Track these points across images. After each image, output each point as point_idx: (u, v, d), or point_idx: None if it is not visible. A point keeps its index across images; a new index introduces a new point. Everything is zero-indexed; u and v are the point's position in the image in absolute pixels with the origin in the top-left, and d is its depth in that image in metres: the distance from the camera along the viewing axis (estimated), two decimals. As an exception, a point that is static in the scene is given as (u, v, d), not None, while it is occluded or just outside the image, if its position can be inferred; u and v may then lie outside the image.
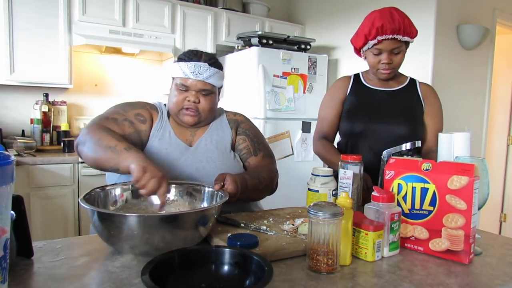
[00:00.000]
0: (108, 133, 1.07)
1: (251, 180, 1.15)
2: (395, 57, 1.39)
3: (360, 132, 1.46)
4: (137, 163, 0.92)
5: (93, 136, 1.07)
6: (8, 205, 0.58)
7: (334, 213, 0.75)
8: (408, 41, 1.40)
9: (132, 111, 1.22)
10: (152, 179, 0.89)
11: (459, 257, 0.84)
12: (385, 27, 1.32)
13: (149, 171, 0.90)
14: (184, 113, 1.21)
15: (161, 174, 0.91)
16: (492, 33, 3.11)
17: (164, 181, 0.91)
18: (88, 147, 1.06)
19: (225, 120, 1.33)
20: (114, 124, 1.16)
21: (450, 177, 0.85)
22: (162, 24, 3.09)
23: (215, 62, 1.24)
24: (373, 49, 1.39)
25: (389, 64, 1.39)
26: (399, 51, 1.39)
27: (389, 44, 1.36)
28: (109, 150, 1.01)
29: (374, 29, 1.34)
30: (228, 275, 0.70)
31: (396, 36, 1.34)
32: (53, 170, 2.50)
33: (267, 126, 2.94)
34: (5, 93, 2.84)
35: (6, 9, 2.53)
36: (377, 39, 1.35)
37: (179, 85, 1.20)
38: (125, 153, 0.99)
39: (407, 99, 1.48)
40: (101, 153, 1.03)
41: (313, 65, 3.19)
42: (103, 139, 1.04)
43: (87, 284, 0.71)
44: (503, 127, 3.72)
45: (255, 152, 1.30)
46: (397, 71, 1.47)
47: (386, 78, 1.45)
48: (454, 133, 1.05)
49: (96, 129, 1.09)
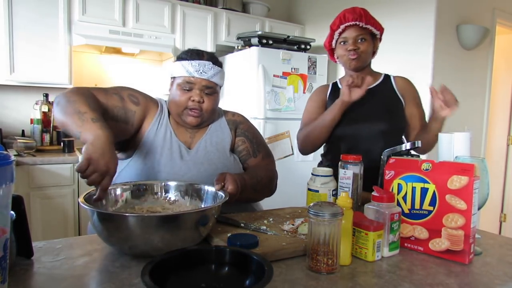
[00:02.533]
0: (86, 98, 1.01)
1: (250, 179, 1.15)
2: (361, 45, 1.45)
3: (343, 135, 1.49)
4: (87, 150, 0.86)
5: (70, 96, 1.01)
6: (8, 205, 0.58)
7: (334, 213, 0.75)
8: (372, 31, 1.46)
9: (127, 91, 1.20)
10: (94, 173, 0.84)
11: (459, 257, 0.84)
12: (346, 16, 1.45)
13: (93, 164, 0.84)
14: (187, 113, 1.20)
15: (105, 169, 0.85)
16: (492, 33, 3.11)
17: (106, 176, 0.85)
18: (61, 107, 1.00)
19: (224, 121, 1.32)
20: (101, 93, 1.12)
21: (450, 177, 0.85)
22: (162, 24, 3.09)
23: (217, 61, 1.24)
24: (340, 39, 1.48)
25: (355, 50, 1.45)
26: (363, 38, 1.45)
27: (352, 31, 1.44)
28: (77, 115, 0.95)
29: (338, 19, 1.47)
30: (228, 275, 0.70)
31: (358, 22, 1.43)
32: (53, 170, 2.50)
33: (267, 126, 2.94)
34: (5, 93, 2.84)
35: (6, 9, 2.53)
36: (341, 27, 1.45)
37: (183, 84, 1.18)
38: (90, 123, 0.92)
39: (383, 95, 1.52)
40: (69, 116, 0.96)
41: (313, 65, 3.19)
42: (77, 102, 0.98)
43: (87, 284, 0.71)
44: (503, 127, 3.72)
45: (254, 154, 1.30)
46: (366, 61, 1.50)
47: (355, 66, 1.48)
48: (454, 133, 1.05)
49: (77, 91, 1.04)
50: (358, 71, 1.51)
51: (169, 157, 1.16)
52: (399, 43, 2.84)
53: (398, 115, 1.50)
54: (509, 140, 3.72)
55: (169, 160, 1.16)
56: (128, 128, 1.16)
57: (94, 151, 0.86)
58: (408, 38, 2.82)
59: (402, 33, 2.83)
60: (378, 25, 1.48)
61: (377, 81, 1.54)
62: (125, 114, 1.15)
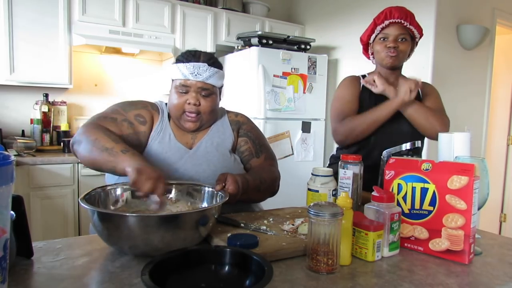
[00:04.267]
0: (105, 134, 1.06)
1: (253, 180, 1.14)
2: (401, 44, 1.46)
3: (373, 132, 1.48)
4: (133, 166, 0.91)
5: (89, 136, 1.05)
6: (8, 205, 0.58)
7: (334, 213, 0.75)
8: (414, 33, 1.46)
9: (132, 112, 1.20)
10: (148, 180, 0.89)
11: (459, 257, 0.84)
12: (393, 12, 1.43)
13: (144, 173, 0.89)
14: (185, 118, 1.19)
15: (157, 175, 0.90)
16: (492, 33, 3.11)
17: (160, 181, 0.90)
18: (84, 147, 1.05)
19: (226, 122, 1.31)
20: (112, 123, 1.15)
21: (450, 177, 0.85)
22: (162, 24, 3.09)
23: (214, 62, 1.23)
24: (380, 35, 1.47)
25: (395, 48, 1.44)
26: (404, 38, 1.45)
27: (395, 29, 1.44)
28: (106, 152, 1.00)
29: (383, 14, 1.45)
30: (228, 275, 0.70)
31: (403, 21, 1.42)
32: (53, 170, 2.50)
33: (267, 126, 2.94)
34: (5, 93, 2.84)
35: (6, 9, 2.53)
36: (385, 23, 1.44)
37: (179, 87, 1.18)
38: (121, 155, 0.98)
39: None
40: (97, 154, 1.01)
41: (313, 65, 3.19)
42: (99, 140, 1.03)
43: (87, 284, 0.71)
44: (503, 127, 3.72)
45: (256, 154, 1.30)
46: (402, 61, 1.50)
47: (392, 64, 1.47)
48: (454, 133, 1.05)
49: (93, 129, 1.08)
50: (392, 70, 1.51)
51: (167, 161, 1.16)
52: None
53: None
54: (509, 140, 3.71)
55: (166, 164, 1.15)
56: (142, 146, 1.18)
57: (139, 165, 0.93)
58: (408, 38, 2.82)
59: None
60: (420, 29, 1.49)
61: None
62: (138, 138, 1.18)
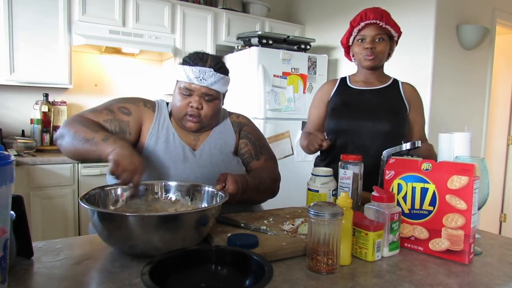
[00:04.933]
0: (83, 125, 1.08)
1: (252, 180, 1.14)
2: (378, 45, 1.48)
3: (345, 129, 1.51)
4: (112, 156, 0.95)
5: (70, 129, 1.08)
6: (8, 205, 0.58)
7: (334, 213, 0.75)
8: (391, 32, 1.48)
9: (117, 104, 1.22)
10: (124, 172, 0.92)
11: (459, 257, 0.84)
12: (368, 14, 1.46)
13: (121, 165, 0.93)
14: (187, 119, 1.20)
15: (133, 167, 0.93)
16: (492, 33, 3.11)
17: (136, 173, 0.94)
18: (66, 140, 1.08)
19: (228, 123, 1.32)
20: (91, 113, 1.16)
21: (450, 177, 0.85)
22: (162, 24, 3.09)
23: (221, 67, 1.22)
24: (358, 36, 1.49)
25: (372, 49, 1.47)
26: (381, 38, 1.47)
27: (371, 30, 1.46)
28: (87, 143, 1.03)
29: (359, 16, 1.48)
30: (228, 275, 0.70)
31: (378, 21, 1.44)
32: (53, 170, 2.50)
33: (267, 126, 2.94)
34: (5, 93, 2.84)
35: (6, 9, 2.53)
36: (361, 24, 1.47)
37: (183, 89, 1.18)
38: (103, 143, 1.00)
39: (390, 97, 1.54)
40: (80, 146, 1.04)
41: (313, 65, 3.19)
42: (79, 132, 1.05)
43: (87, 284, 0.71)
44: (503, 127, 3.72)
45: (256, 156, 1.30)
46: (381, 61, 1.52)
47: (370, 66, 1.50)
48: (454, 133, 1.05)
49: (72, 122, 1.11)
50: (371, 70, 1.53)
51: (172, 159, 1.16)
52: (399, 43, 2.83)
53: (401, 119, 1.51)
54: (509, 140, 3.71)
55: (172, 163, 1.15)
56: (127, 138, 1.17)
57: (118, 155, 0.95)
58: (408, 38, 2.81)
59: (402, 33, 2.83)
60: (397, 27, 1.50)
61: (385, 83, 1.56)
62: (119, 126, 1.18)
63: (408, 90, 1.55)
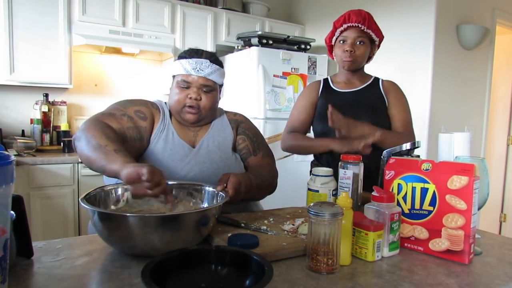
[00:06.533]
0: (102, 131, 1.02)
1: (255, 179, 1.15)
2: (358, 48, 1.49)
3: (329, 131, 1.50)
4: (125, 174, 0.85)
5: (88, 132, 1.02)
6: (8, 205, 0.58)
7: (334, 213, 0.75)
8: (372, 36, 1.49)
9: (132, 108, 1.20)
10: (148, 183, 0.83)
11: (459, 257, 0.84)
12: (351, 16, 1.48)
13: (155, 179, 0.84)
14: (185, 111, 1.20)
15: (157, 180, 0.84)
16: (492, 33, 3.11)
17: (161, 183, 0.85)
18: (82, 143, 1.02)
19: (226, 120, 1.33)
20: (111, 118, 1.13)
21: (450, 177, 0.85)
22: (162, 24, 3.09)
23: (216, 60, 1.25)
24: (340, 37, 1.51)
25: (351, 52, 1.48)
26: (362, 41, 1.48)
27: (353, 32, 1.48)
28: (99, 149, 0.96)
29: (342, 18, 1.50)
30: (228, 275, 0.70)
31: (360, 25, 1.46)
32: (53, 170, 2.50)
33: (267, 126, 2.94)
34: (5, 93, 2.84)
35: (6, 9, 2.53)
36: (343, 26, 1.49)
37: (181, 82, 1.20)
38: (113, 155, 0.94)
39: (370, 96, 1.56)
40: (91, 151, 0.98)
41: (313, 65, 3.19)
42: (95, 136, 1.00)
43: (87, 284, 0.71)
44: (503, 127, 3.72)
45: (254, 152, 1.30)
46: (360, 64, 1.54)
47: (349, 68, 1.52)
48: (454, 133, 1.05)
49: (92, 125, 1.05)
50: (351, 71, 1.55)
51: (171, 158, 1.16)
52: (399, 43, 2.84)
53: (382, 115, 1.53)
54: (509, 140, 3.71)
55: (171, 161, 1.16)
56: (143, 144, 1.17)
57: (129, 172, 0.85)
58: (408, 38, 2.82)
59: (402, 33, 2.83)
60: (379, 32, 1.52)
61: (366, 83, 1.58)
62: (138, 132, 1.16)
63: (386, 85, 1.57)
